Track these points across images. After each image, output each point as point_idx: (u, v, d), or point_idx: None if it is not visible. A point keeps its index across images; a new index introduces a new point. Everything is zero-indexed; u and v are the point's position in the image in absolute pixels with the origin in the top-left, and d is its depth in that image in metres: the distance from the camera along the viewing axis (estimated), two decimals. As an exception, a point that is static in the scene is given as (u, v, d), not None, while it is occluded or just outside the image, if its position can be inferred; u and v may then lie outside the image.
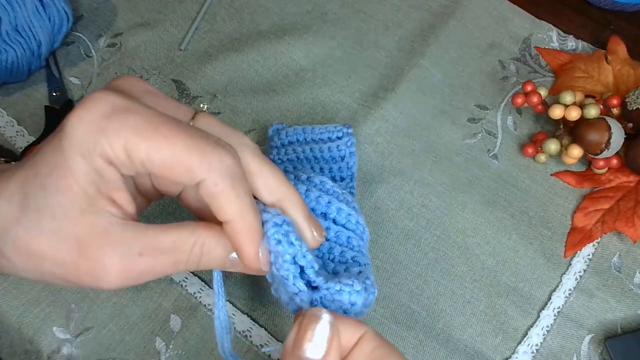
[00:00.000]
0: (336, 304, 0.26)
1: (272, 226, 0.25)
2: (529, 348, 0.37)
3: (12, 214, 0.24)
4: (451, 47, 0.47)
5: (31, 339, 0.36)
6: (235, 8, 0.50)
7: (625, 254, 0.40)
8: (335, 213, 0.31)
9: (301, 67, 0.47)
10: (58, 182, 0.24)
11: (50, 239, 0.24)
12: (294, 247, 0.26)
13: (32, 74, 0.45)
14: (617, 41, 0.47)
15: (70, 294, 0.37)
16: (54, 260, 0.24)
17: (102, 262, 0.24)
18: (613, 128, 0.39)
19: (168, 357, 0.36)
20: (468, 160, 0.43)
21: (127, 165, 0.24)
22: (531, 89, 0.41)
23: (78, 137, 0.23)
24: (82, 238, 0.24)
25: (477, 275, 0.39)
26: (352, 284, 0.26)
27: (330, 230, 0.31)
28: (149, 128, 0.23)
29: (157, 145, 0.23)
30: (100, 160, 0.23)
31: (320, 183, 0.32)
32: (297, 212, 0.27)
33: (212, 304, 0.37)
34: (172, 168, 0.23)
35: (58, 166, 0.24)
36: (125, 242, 0.24)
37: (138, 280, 0.25)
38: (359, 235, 0.32)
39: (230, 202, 0.24)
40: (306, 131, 0.40)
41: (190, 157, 0.23)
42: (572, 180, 0.42)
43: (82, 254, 0.24)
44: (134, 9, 0.49)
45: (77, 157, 0.23)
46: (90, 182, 0.24)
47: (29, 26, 0.42)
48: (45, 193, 0.24)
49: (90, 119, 0.23)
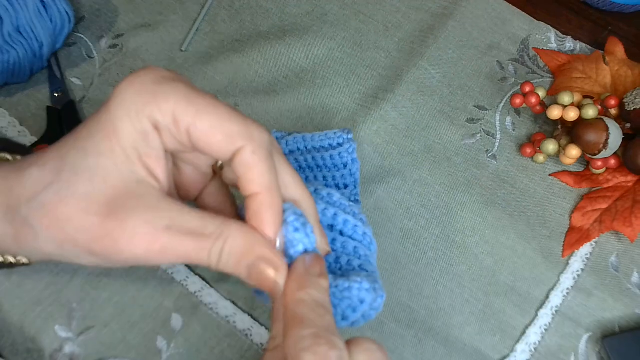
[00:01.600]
0: (345, 302, 0.26)
1: (292, 214, 0.25)
2: (527, 347, 0.37)
3: (45, 179, 0.24)
4: (450, 48, 0.48)
5: (33, 338, 0.36)
6: (235, 9, 0.50)
7: (622, 253, 0.40)
8: (342, 225, 0.31)
9: (301, 68, 0.47)
10: (100, 145, 0.24)
11: (81, 202, 0.24)
12: (309, 239, 0.25)
13: (34, 75, 0.46)
14: (615, 42, 0.47)
15: (72, 293, 0.37)
16: (79, 224, 0.24)
17: (128, 225, 0.24)
18: (611, 128, 0.39)
19: (169, 355, 0.36)
20: (467, 161, 0.43)
21: (173, 131, 0.24)
22: (529, 89, 0.42)
23: (127, 99, 0.24)
24: (114, 200, 0.24)
25: (475, 274, 0.39)
26: (360, 282, 0.26)
27: (336, 241, 0.31)
28: (197, 95, 0.24)
29: (203, 110, 0.24)
30: (147, 123, 0.24)
31: (328, 195, 0.32)
32: (310, 216, 0.28)
33: (213, 303, 0.38)
34: (215, 134, 0.24)
35: (102, 128, 0.24)
36: (156, 211, 0.24)
37: (160, 256, 0.24)
38: (366, 246, 0.32)
39: (264, 173, 0.25)
40: (306, 139, 0.40)
41: (233, 125, 0.24)
42: (570, 180, 0.42)
43: (111, 214, 0.24)
44: (135, 10, 0.50)
45: (124, 118, 0.24)
46: (133, 146, 0.24)
47: (30, 27, 0.42)
48: (85, 155, 0.24)
49: (142, 82, 0.24)
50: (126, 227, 0.24)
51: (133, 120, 0.24)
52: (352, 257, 0.30)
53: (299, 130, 0.44)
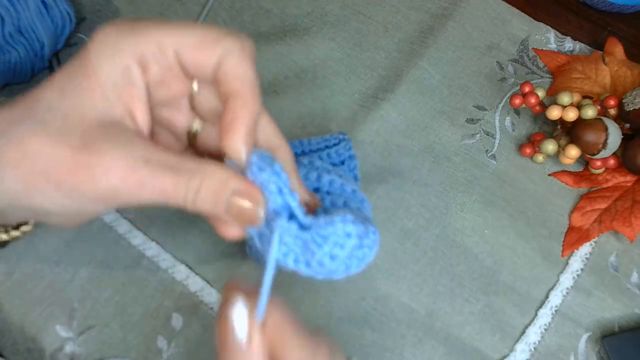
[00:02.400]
0: (330, 238, 0.24)
1: (255, 154, 0.24)
2: (526, 346, 0.37)
3: (14, 117, 0.24)
4: (450, 49, 0.48)
5: (34, 338, 0.36)
6: (236, 10, 0.50)
7: (622, 253, 0.40)
8: (328, 185, 0.30)
9: (301, 68, 0.47)
10: (78, 84, 0.24)
11: (54, 135, 0.23)
12: (279, 177, 0.24)
13: (35, 75, 0.46)
14: (614, 42, 0.47)
15: (72, 292, 0.38)
16: (52, 157, 0.23)
17: (105, 157, 0.23)
18: (610, 128, 0.39)
19: (170, 355, 0.36)
20: (466, 161, 0.43)
21: (158, 57, 0.25)
22: (529, 90, 0.42)
23: (107, 39, 0.24)
24: (89, 134, 0.23)
25: (475, 274, 0.39)
26: (344, 215, 0.24)
27: (324, 201, 0.29)
28: (174, 22, 0.25)
29: (189, 27, 0.25)
30: (129, 59, 0.24)
31: (309, 163, 0.31)
32: (287, 163, 0.27)
33: (213, 303, 0.38)
34: (203, 43, 0.25)
35: (81, 69, 0.24)
36: (134, 145, 0.24)
37: (136, 191, 0.23)
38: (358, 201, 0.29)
39: (249, 72, 0.25)
40: (303, 143, 0.40)
41: (219, 32, 0.25)
42: (570, 180, 0.43)
43: (86, 147, 0.23)
44: (136, 10, 0.50)
45: (103, 56, 0.24)
46: (113, 84, 0.24)
47: (31, 27, 0.42)
48: (61, 94, 0.24)
49: (122, 22, 0.25)
50: (103, 159, 0.23)
51: (114, 57, 0.24)
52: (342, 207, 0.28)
53: (299, 130, 0.44)
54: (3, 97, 0.45)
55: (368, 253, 0.26)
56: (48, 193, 0.24)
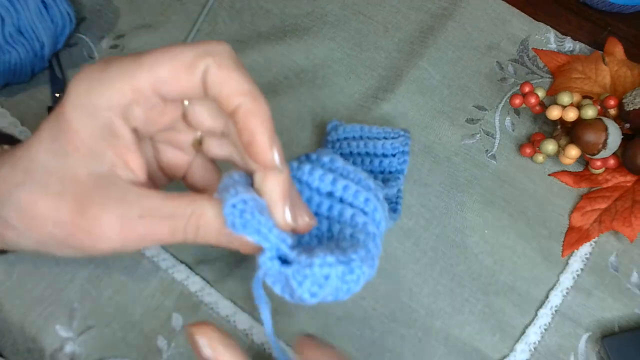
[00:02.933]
0: (308, 281, 0.24)
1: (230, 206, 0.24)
2: (526, 346, 0.37)
3: (16, 178, 0.25)
4: (450, 49, 0.48)
5: (34, 338, 0.36)
6: (236, 10, 0.50)
7: (622, 253, 0.40)
8: (342, 191, 0.29)
9: (301, 69, 0.47)
10: (64, 147, 0.24)
11: (52, 200, 0.24)
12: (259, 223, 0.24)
13: (35, 75, 0.46)
14: (614, 42, 0.47)
15: (72, 292, 0.38)
16: (55, 221, 0.24)
17: (101, 221, 0.24)
18: (610, 129, 0.39)
19: (170, 355, 0.36)
20: (466, 161, 0.44)
21: (138, 101, 0.24)
22: (529, 90, 0.42)
23: (80, 96, 0.24)
24: (83, 197, 0.24)
25: (475, 274, 0.39)
26: (324, 256, 0.24)
27: (333, 208, 0.29)
28: (143, 56, 0.24)
29: (156, 61, 0.23)
30: (107, 113, 0.24)
31: (330, 161, 0.30)
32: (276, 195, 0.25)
33: (213, 303, 0.38)
34: (178, 74, 0.23)
35: (62, 132, 0.24)
36: (126, 203, 0.24)
37: (138, 243, 0.25)
38: (369, 214, 0.29)
39: (238, 81, 0.24)
40: (363, 129, 0.40)
41: (189, 52, 0.23)
42: (570, 180, 0.43)
43: (83, 212, 0.24)
44: (136, 10, 0.50)
45: (81, 117, 0.24)
46: (97, 141, 0.24)
47: (31, 27, 0.42)
48: (52, 156, 0.24)
49: (90, 73, 0.24)
50: (99, 223, 0.24)
51: (90, 115, 0.24)
52: (345, 225, 0.28)
53: (299, 130, 0.44)
54: (3, 97, 0.45)
55: (353, 287, 0.26)
56: (60, 249, 0.26)
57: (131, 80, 0.23)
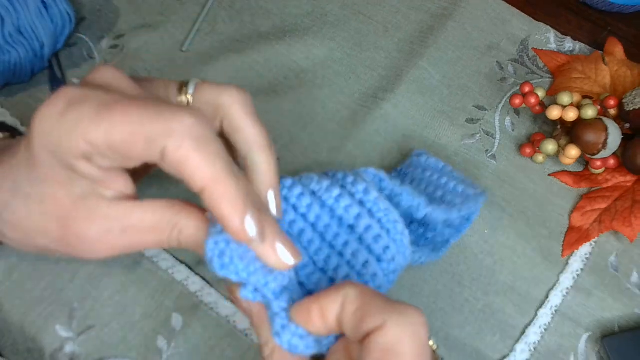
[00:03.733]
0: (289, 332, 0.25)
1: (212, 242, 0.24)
2: (526, 346, 0.37)
3: (3, 196, 0.26)
4: (450, 49, 0.48)
5: (34, 338, 0.36)
6: (236, 10, 0.50)
7: (622, 253, 0.40)
8: (363, 230, 0.27)
9: (301, 69, 0.47)
10: (38, 177, 0.25)
11: (37, 220, 0.25)
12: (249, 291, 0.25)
13: (35, 75, 0.46)
14: (614, 42, 0.47)
15: (72, 292, 0.38)
16: (46, 236, 0.26)
17: (87, 238, 0.25)
18: (610, 129, 0.39)
19: (170, 355, 0.36)
20: (466, 161, 0.43)
21: (95, 155, 0.22)
22: (529, 90, 0.42)
23: (42, 136, 0.23)
24: (66, 217, 0.25)
25: (475, 274, 0.39)
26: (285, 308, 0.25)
27: (348, 246, 0.27)
28: (103, 111, 0.22)
29: (113, 125, 0.21)
30: (67, 157, 0.23)
31: (364, 192, 0.28)
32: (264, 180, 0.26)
33: (213, 303, 0.38)
34: (134, 143, 0.21)
35: (33, 166, 0.24)
36: (109, 221, 0.25)
37: (125, 252, 0.26)
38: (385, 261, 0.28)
39: (198, 166, 0.21)
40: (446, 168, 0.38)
41: (148, 126, 0.21)
42: (570, 180, 0.43)
43: (67, 229, 0.25)
44: (136, 10, 0.50)
45: (47, 156, 0.23)
46: (71, 172, 0.24)
47: (31, 27, 0.42)
48: (31, 183, 0.25)
49: (49, 116, 0.22)
50: (84, 239, 0.25)
51: (55, 157, 0.23)
52: (352, 273, 0.27)
53: (299, 130, 0.44)
54: (3, 97, 0.45)
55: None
56: (55, 253, 0.27)
57: (86, 136, 0.22)
